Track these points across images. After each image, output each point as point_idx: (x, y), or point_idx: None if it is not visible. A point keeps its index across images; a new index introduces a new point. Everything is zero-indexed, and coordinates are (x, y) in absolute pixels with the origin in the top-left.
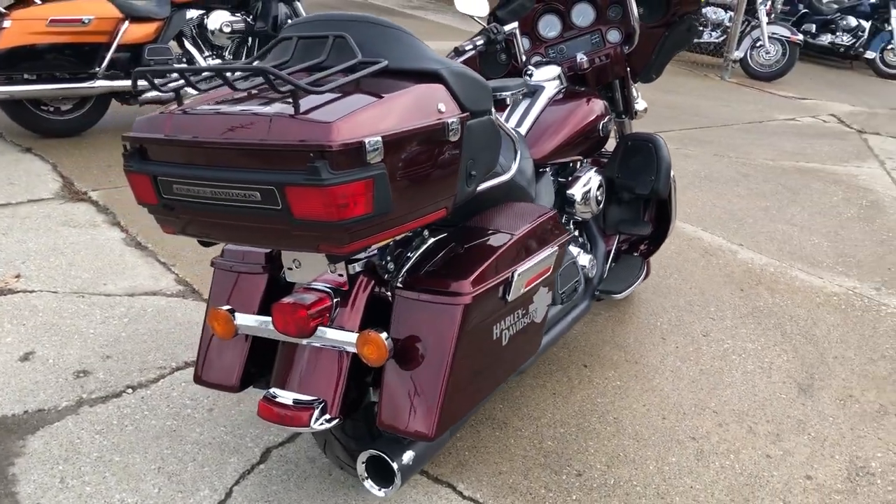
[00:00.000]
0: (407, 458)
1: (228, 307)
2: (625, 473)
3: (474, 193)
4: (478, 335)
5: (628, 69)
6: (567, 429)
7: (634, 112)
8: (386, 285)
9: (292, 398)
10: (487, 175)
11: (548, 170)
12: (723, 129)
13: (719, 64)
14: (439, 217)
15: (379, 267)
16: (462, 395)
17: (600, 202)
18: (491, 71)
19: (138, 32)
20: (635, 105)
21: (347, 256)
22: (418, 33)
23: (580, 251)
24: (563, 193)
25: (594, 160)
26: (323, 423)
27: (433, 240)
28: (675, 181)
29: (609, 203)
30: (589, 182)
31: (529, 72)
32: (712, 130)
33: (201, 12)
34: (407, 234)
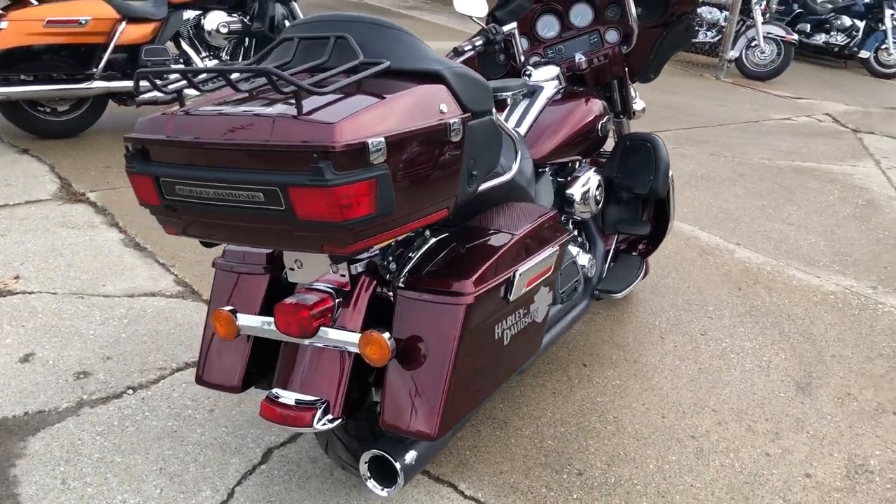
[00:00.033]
0: (409, 458)
1: (230, 308)
2: (625, 472)
3: (475, 193)
4: (480, 335)
5: (626, 69)
6: (567, 428)
7: (633, 112)
8: (388, 285)
9: (295, 398)
10: (488, 175)
11: (547, 170)
12: (719, 129)
13: (715, 64)
14: (441, 217)
15: (381, 267)
16: (464, 395)
17: (599, 202)
18: (489, 71)
19: (135, 33)
20: (633, 105)
21: (351, 257)
22: (414, 33)
23: (579, 251)
24: (563, 193)
25: (593, 160)
26: (325, 424)
27: (434, 240)
28: (674, 181)
29: (608, 203)
30: (588, 182)
31: (528, 72)
32: (708, 130)
33: (198, 13)
34: (408, 235)
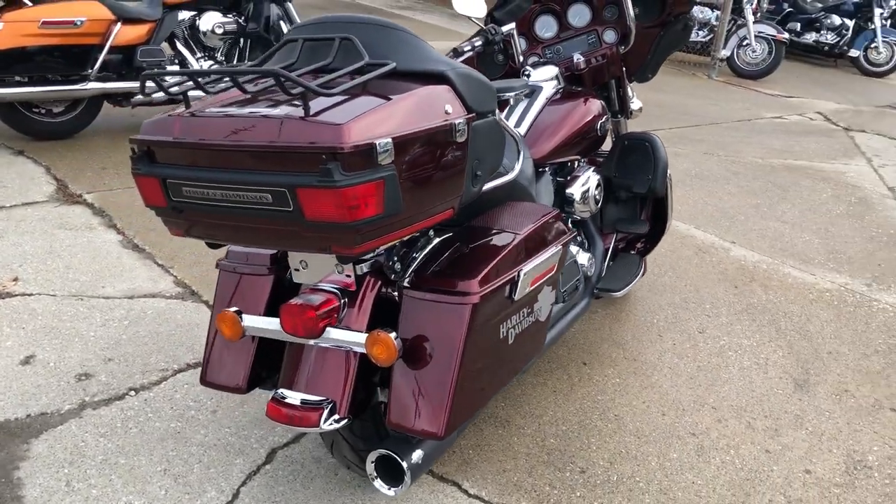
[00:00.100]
0: (416, 457)
1: (236, 309)
2: (627, 470)
3: (480, 193)
4: (485, 334)
5: (624, 69)
6: (569, 426)
7: (630, 111)
8: (393, 286)
9: (300, 399)
10: (492, 175)
11: (547, 169)
12: (712, 128)
13: (706, 63)
14: (446, 217)
15: (386, 267)
16: (470, 394)
17: (598, 201)
18: (488, 71)
19: (130, 34)
20: (631, 104)
21: (358, 257)
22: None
23: (579, 250)
24: (562, 193)
25: (591, 159)
26: (332, 424)
27: (438, 240)
28: (671, 180)
29: (606, 202)
30: (587, 181)
31: (527, 72)
32: (701, 129)
33: (193, 13)
34: (413, 235)
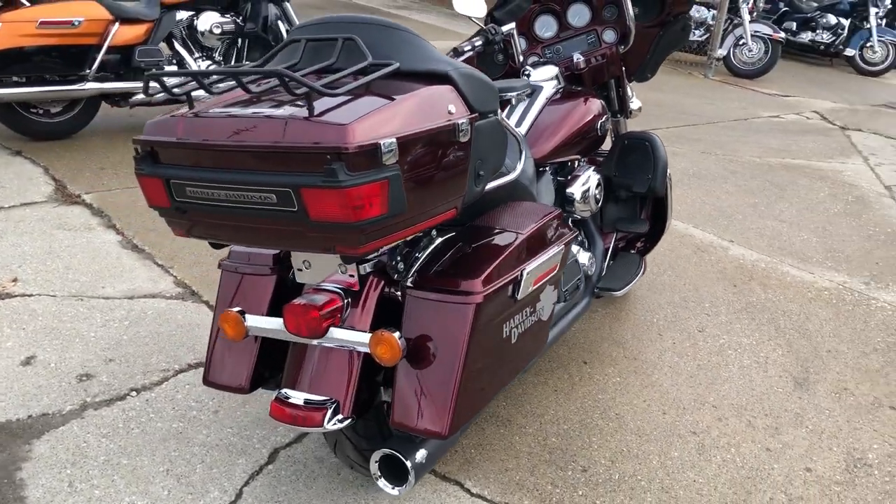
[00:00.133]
0: (420, 457)
1: (239, 309)
2: (629, 468)
3: (482, 193)
4: (489, 333)
5: (623, 68)
6: (570, 425)
7: (629, 111)
8: (396, 285)
9: (304, 399)
10: (494, 175)
11: (547, 169)
12: (709, 127)
13: (703, 62)
14: (449, 217)
15: (389, 267)
16: (474, 393)
17: (599, 200)
18: (488, 71)
19: (128, 34)
20: (630, 104)
21: (362, 257)
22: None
23: (579, 249)
24: (563, 192)
25: (590, 159)
26: (336, 424)
27: (441, 239)
28: (671, 179)
29: (606, 201)
30: (588, 181)
31: (527, 72)
32: (698, 128)
33: (191, 13)
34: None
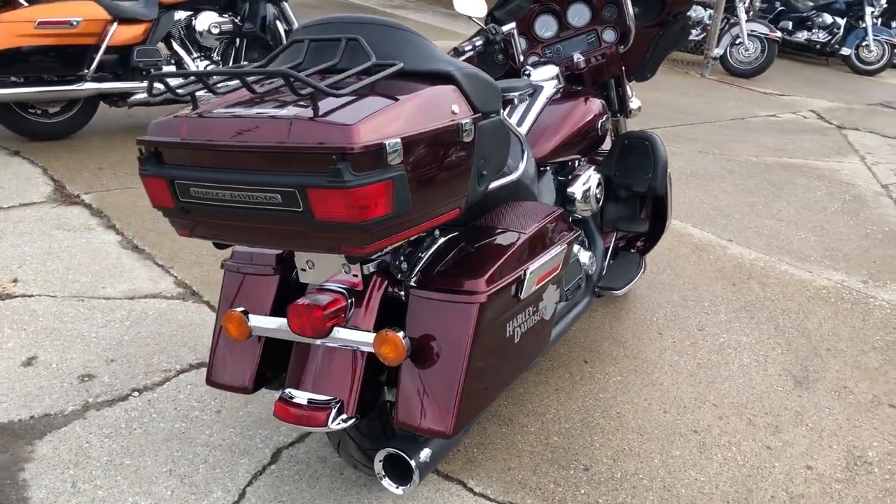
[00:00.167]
0: (424, 456)
1: (242, 309)
2: (631, 467)
3: (485, 193)
4: (492, 333)
5: (623, 68)
6: (572, 424)
7: (629, 110)
8: (399, 285)
9: (308, 398)
10: (497, 174)
11: (548, 169)
12: (706, 126)
13: (699, 61)
14: (453, 217)
15: (392, 267)
16: (478, 393)
17: (599, 200)
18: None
19: (127, 34)
20: (630, 103)
21: (367, 257)
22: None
23: (580, 248)
24: (563, 192)
25: (590, 158)
26: (340, 423)
27: (444, 239)
28: (671, 178)
29: (606, 201)
30: (588, 180)
31: (527, 72)
32: (696, 127)
33: (189, 13)
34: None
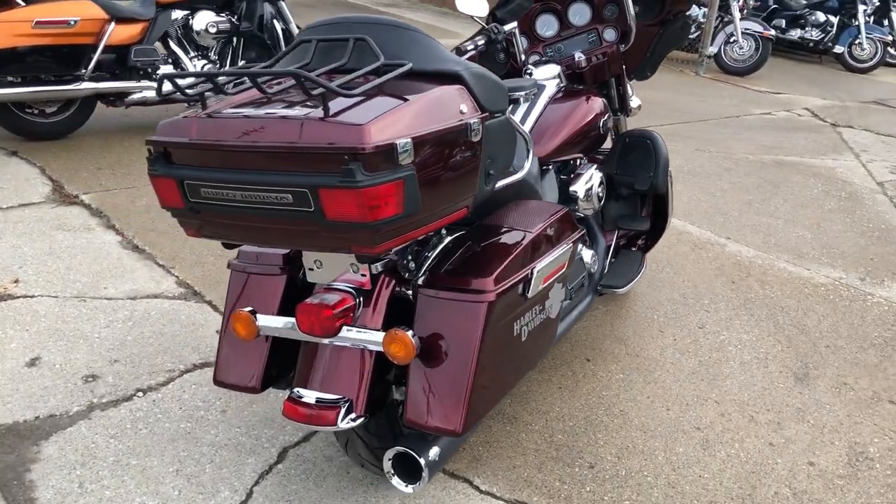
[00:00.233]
0: (433, 454)
1: (250, 308)
2: (635, 464)
3: (492, 192)
4: (500, 332)
5: (624, 67)
6: (576, 422)
7: (630, 109)
8: (407, 284)
9: (317, 398)
10: (503, 173)
11: (551, 167)
12: (701, 124)
13: (694, 59)
14: (460, 216)
15: (400, 266)
16: (486, 391)
17: (601, 198)
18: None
19: (124, 34)
20: (630, 102)
21: (377, 256)
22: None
23: (583, 247)
24: (566, 191)
25: (591, 157)
26: (349, 422)
27: (451, 238)
28: (672, 177)
29: (608, 199)
30: (591, 179)
31: (529, 71)
32: (691, 125)
33: (186, 13)
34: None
